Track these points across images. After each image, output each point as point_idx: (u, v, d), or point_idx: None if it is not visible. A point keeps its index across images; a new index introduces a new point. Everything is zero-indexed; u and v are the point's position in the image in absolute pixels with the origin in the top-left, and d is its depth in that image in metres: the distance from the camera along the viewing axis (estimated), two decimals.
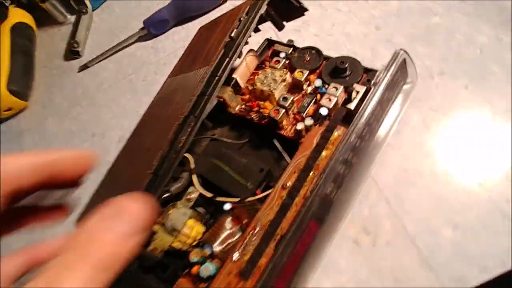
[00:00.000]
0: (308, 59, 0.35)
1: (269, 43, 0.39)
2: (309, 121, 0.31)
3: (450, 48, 0.35)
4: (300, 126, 0.31)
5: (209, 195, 0.30)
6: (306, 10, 0.35)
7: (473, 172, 0.28)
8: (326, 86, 0.32)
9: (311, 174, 0.26)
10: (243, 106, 0.35)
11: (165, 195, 0.31)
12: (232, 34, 0.32)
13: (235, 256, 0.25)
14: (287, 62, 0.36)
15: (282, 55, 0.36)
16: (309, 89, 0.34)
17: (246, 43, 0.33)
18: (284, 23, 0.39)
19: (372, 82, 0.28)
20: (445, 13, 0.38)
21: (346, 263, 0.28)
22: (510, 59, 0.32)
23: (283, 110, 0.32)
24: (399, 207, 0.29)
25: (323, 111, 0.30)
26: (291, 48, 0.36)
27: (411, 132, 0.32)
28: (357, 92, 0.30)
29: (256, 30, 0.37)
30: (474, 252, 0.26)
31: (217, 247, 0.27)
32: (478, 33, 0.34)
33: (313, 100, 0.32)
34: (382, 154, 0.31)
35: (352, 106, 0.29)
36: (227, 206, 0.29)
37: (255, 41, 0.43)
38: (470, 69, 0.33)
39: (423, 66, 0.34)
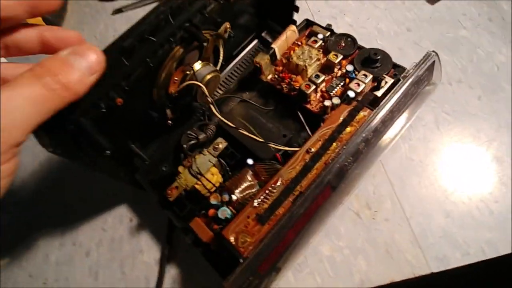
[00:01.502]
0: (343, 45, 0.37)
1: (308, 23, 0.41)
2: (336, 100, 0.33)
3: (471, 60, 0.38)
4: (327, 103, 0.33)
5: (230, 124, 0.31)
6: None
7: (471, 172, 0.32)
8: (356, 72, 0.35)
9: (334, 144, 0.29)
10: (276, 76, 0.37)
11: (192, 142, 0.33)
12: None
13: (256, 202, 0.27)
14: (323, 44, 0.38)
15: (320, 36, 0.38)
16: (340, 72, 0.36)
17: None
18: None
19: (402, 75, 0.31)
20: (473, 28, 0.40)
21: (346, 231, 0.31)
22: None
23: (314, 86, 0.34)
24: (400, 191, 0.32)
25: (351, 94, 0.33)
26: (329, 32, 0.39)
27: (422, 128, 0.35)
28: (386, 82, 0.32)
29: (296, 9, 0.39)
30: (459, 239, 0.29)
31: (236, 195, 0.29)
32: (499, 52, 0.38)
33: (342, 83, 0.35)
34: (393, 143, 0.34)
35: (379, 93, 0.32)
36: (249, 161, 0.31)
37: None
38: (485, 83, 0.36)
39: (444, 72, 0.37)
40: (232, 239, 0.26)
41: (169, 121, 0.35)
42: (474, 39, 0.39)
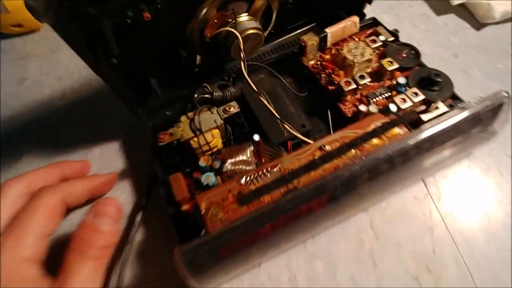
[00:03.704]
0: (404, 56, 0.33)
1: (374, 22, 0.37)
2: (373, 109, 0.29)
3: None
4: (363, 108, 0.29)
5: (253, 85, 0.28)
6: None
7: None
8: (407, 88, 0.31)
9: (353, 151, 0.25)
10: (318, 63, 0.33)
11: (205, 95, 0.30)
12: None
13: (243, 179, 0.24)
14: (381, 48, 0.34)
15: (382, 38, 0.34)
16: (388, 83, 0.32)
17: None
18: None
19: (459, 106, 0.26)
20: None
21: None
22: None
23: (354, 86, 0.30)
24: (466, 251, 0.26)
25: (393, 108, 0.29)
26: (393, 37, 0.34)
27: (483, 174, 0.30)
28: (437, 108, 0.28)
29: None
30: None
31: (228, 164, 0.26)
32: None
33: (387, 95, 0.31)
34: (454, 190, 0.30)
35: (425, 117, 0.28)
36: (256, 137, 0.28)
37: None
38: None
39: None
40: (203, 206, 0.23)
41: (196, 69, 0.33)
42: None
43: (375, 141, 0.25)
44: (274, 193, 0.23)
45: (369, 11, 0.37)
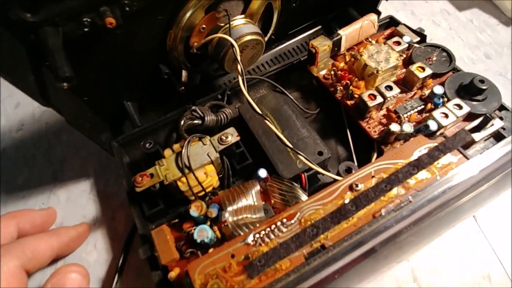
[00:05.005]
0: (434, 59, 0.27)
1: (392, 21, 0.31)
2: (408, 128, 0.23)
3: None
4: (394, 127, 0.23)
5: (256, 108, 0.21)
6: None
7: None
8: (445, 99, 0.25)
9: (395, 190, 0.18)
10: (331, 73, 0.27)
11: (194, 121, 0.24)
12: None
13: (250, 238, 0.18)
14: (406, 51, 0.28)
15: (406, 39, 0.28)
16: (419, 93, 0.26)
17: None
18: None
19: None
20: None
21: None
22: None
23: (380, 100, 0.24)
24: None
25: (432, 126, 0.23)
26: (418, 38, 0.29)
27: None
28: (493, 125, 0.22)
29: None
30: None
31: (227, 214, 0.20)
32: None
33: (420, 108, 0.25)
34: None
35: (477, 136, 0.22)
36: (262, 173, 0.22)
37: None
38: None
39: None
40: (197, 282, 0.17)
41: (182, 87, 0.26)
42: None
43: (423, 175, 0.19)
44: (295, 257, 0.17)
45: (381, 9, 0.32)
